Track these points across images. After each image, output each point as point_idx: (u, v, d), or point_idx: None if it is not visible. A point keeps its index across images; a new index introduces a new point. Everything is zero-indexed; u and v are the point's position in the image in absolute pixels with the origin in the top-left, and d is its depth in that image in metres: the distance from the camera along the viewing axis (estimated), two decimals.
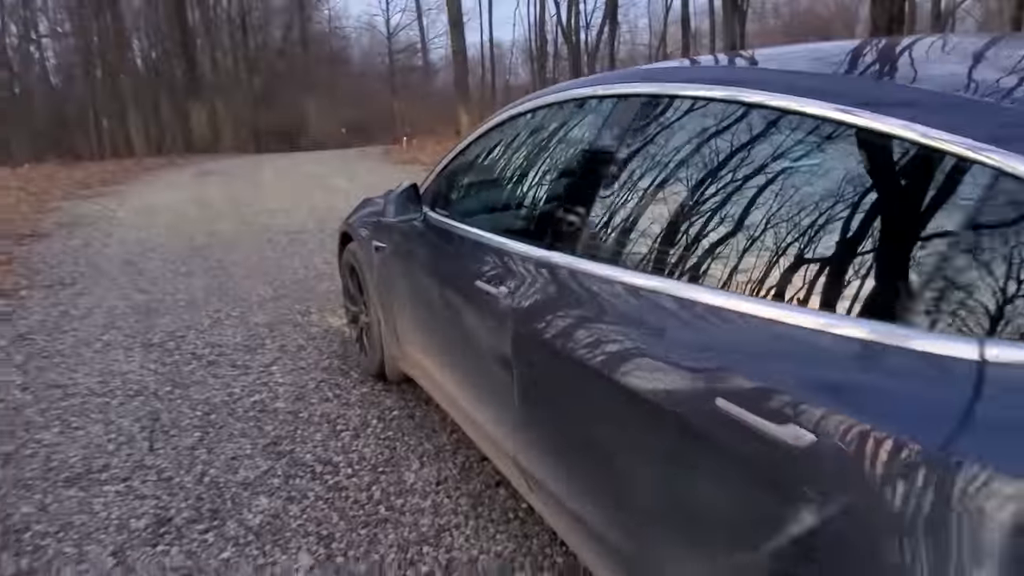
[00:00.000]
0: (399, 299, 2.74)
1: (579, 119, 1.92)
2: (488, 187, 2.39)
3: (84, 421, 3.06)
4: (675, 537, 1.28)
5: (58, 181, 11.49)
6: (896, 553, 0.84)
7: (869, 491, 0.88)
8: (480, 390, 2.11)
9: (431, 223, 2.49)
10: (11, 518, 2.38)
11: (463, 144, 2.58)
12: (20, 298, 4.91)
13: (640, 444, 1.34)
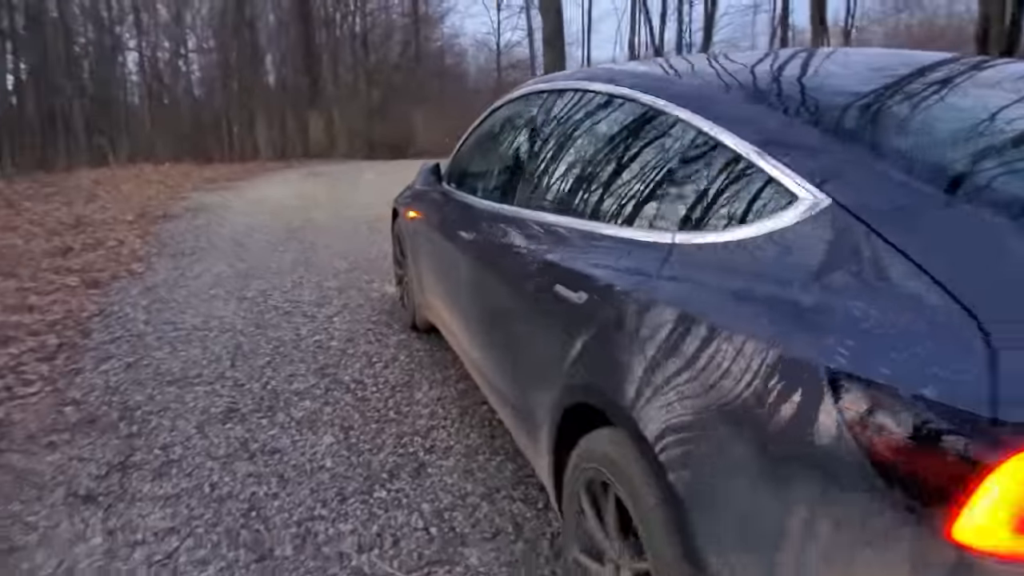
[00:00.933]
0: (423, 256, 3.44)
1: (529, 110, 2.57)
2: (475, 163, 3.07)
3: (186, 346, 3.93)
4: (531, 378, 1.90)
5: (191, 177, 13.10)
6: (617, 346, 1.44)
7: (610, 320, 1.49)
8: (463, 319, 2.77)
9: (446, 194, 3.18)
10: (128, 402, 3.23)
11: (466, 135, 3.27)
12: (150, 263, 5.98)
13: (521, 322, 1.98)
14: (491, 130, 3.03)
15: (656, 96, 1.71)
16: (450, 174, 3.30)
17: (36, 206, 8.75)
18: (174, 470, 2.64)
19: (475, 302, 2.55)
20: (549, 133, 2.27)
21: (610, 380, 1.46)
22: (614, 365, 1.45)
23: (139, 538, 2.24)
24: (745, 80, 1.68)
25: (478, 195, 2.81)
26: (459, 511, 2.32)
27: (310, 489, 2.49)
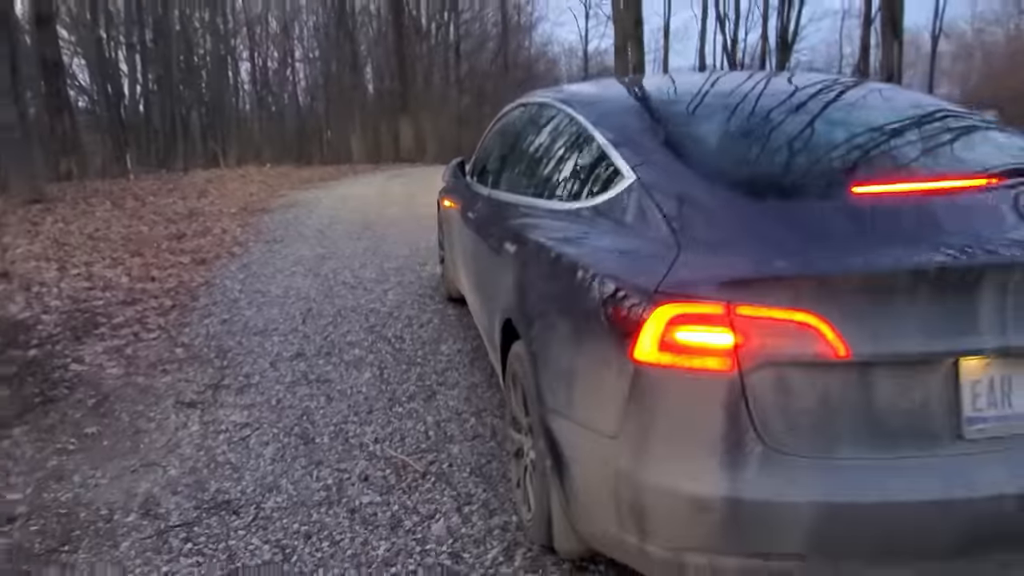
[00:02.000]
0: (450, 236, 4.23)
1: (512, 118, 3.33)
2: (480, 160, 3.85)
3: (269, 308, 4.86)
4: (491, 310, 2.65)
5: (289, 177, 14.46)
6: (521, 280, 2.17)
7: (519, 263, 2.23)
8: (468, 277, 3.54)
9: (463, 183, 3.97)
10: (222, 346, 4.16)
11: (482, 137, 4.09)
12: (247, 247, 7.05)
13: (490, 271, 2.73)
14: (493, 134, 3.84)
15: (571, 108, 2.42)
16: (472, 168, 4.10)
17: (158, 200, 10.12)
18: (252, 390, 3.51)
19: (471, 262, 3.33)
20: (517, 135, 3.05)
21: (516, 305, 2.19)
22: (518, 294, 2.17)
23: (223, 428, 3.10)
24: (637, 97, 2.38)
25: (477, 183, 3.63)
26: (454, 423, 3.07)
27: (347, 405, 3.30)
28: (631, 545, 1.62)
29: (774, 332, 1.42)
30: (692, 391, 1.47)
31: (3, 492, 2.62)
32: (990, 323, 1.42)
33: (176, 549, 2.25)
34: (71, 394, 3.52)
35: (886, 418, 1.43)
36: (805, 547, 1.45)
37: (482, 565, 2.12)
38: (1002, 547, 1.46)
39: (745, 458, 1.44)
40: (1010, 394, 1.46)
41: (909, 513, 1.41)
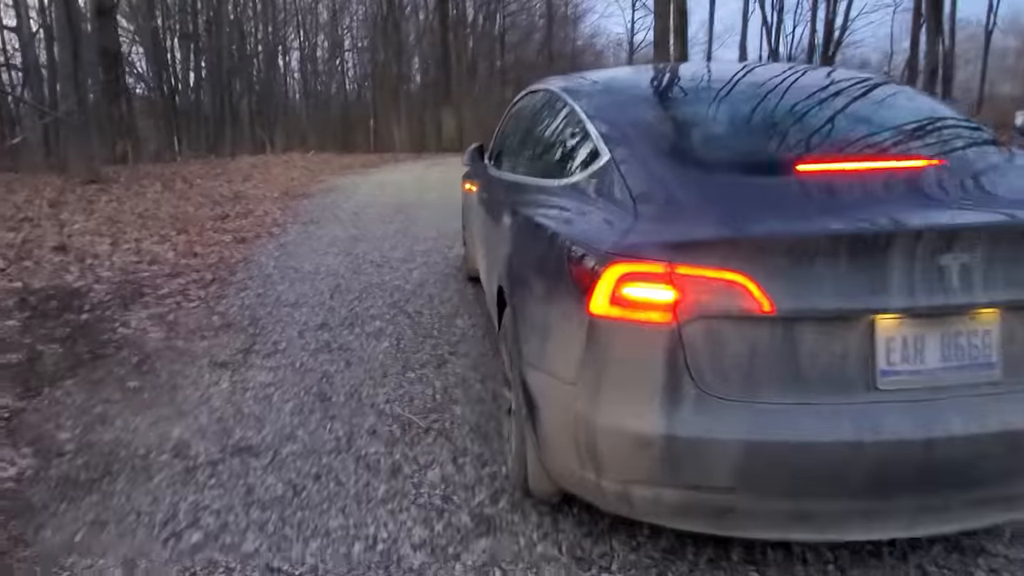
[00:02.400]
0: (469, 217, 4.46)
1: (521, 105, 3.54)
2: (494, 144, 4.08)
3: (301, 284, 5.17)
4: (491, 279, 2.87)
5: (331, 164, 14.90)
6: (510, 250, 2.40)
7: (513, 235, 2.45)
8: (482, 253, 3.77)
9: (480, 166, 4.21)
10: (255, 315, 4.47)
11: (499, 124, 4.31)
12: (285, 227, 7.40)
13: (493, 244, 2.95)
14: (505, 120, 4.07)
15: (567, 95, 2.62)
16: (488, 152, 4.34)
17: (205, 183, 10.59)
18: (278, 354, 3.80)
19: (482, 239, 3.58)
20: (522, 120, 3.27)
21: (505, 272, 2.41)
22: (508, 263, 2.40)
23: (250, 386, 3.39)
24: (626, 87, 2.57)
25: (492, 166, 3.87)
26: (459, 388, 3.31)
27: (364, 370, 3.56)
28: (589, 481, 1.84)
29: (707, 289, 1.62)
30: (637, 341, 1.68)
31: (56, 432, 2.95)
32: (901, 286, 1.59)
33: (201, 483, 2.54)
34: (117, 353, 3.86)
35: (807, 368, 1.62)
36: (734, 480, 1.65)
37: (468, 507, 2.35)
38: (908, 489, 1.63)
39: (681, 400, 1.64)
40: (923, 351, 1.63)
41: (823, 453, 1.60)
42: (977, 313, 1.65)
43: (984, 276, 1.62)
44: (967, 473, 1.64)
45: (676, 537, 2.13)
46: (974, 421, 1.61)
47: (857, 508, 1.68)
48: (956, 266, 1.60)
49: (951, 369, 1.65)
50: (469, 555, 2.11)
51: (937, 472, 1.63)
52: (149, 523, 2.31)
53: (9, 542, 2.22)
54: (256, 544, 2.18)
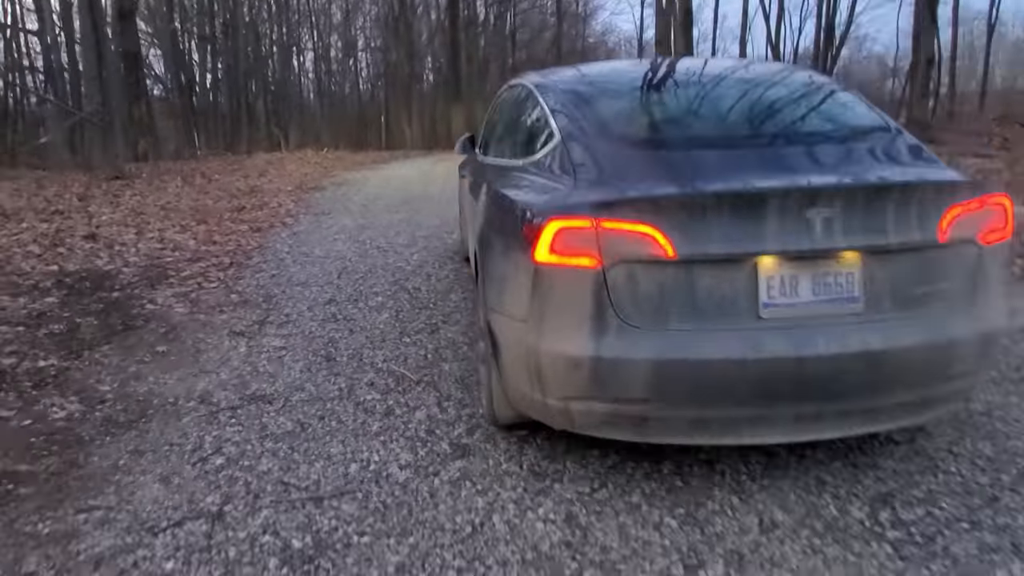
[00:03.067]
0: (462, 201, 4.89)
1: (502, 97, 3.95)
2: (482, 134, 4.50)
3: (311, 266, 5.61)
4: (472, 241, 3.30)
5: (343, 160, 15.39)
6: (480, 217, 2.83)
7: (485, 205, 2.87)
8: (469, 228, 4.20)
9: (471, 154, 4.63)
10: (269, 293, 4.91)
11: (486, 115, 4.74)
12: (298, 218, 7.86)
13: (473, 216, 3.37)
14: (490, 111, 4.51)
15: (533, 87, 3.04)
16: (478, 141, 4.80)
17: (223, 178, 11.09)
18: (289, 324, 4.24)
19: (469, 218, 4.02)
20: (501, 111, 3.72)
21: (477, 238, 2.84)
22: (479, 230, 2.82)
23: (264, 350, 3.83)
24: (583, 80, 2.99)
25: (479, 153, 4.34)
26: (449, 349, 3.73)
27: (365, 336, 3.99)
28: (538, 400, 2.27)
29: (625, 239, 2.03)
30: (571, 282, 2.10)
31: (97, 385, 3.40)
32: (776, 234, 2.01)
33: (223, 422, 2.97)
34: (146, 325, 4.32)
35: (703, 301, 2.04)
36: (648, 392, 2.07)
37: (448, 438, 2.77)
38: (786, 399, 2.05)
39: (606, 329, 2.06)
40: (797, 287, 2.05)
41: (716, 368, 2.02)
42: (842, 256, 2.07)
43: (844, 226, 2.04)
44: (833, 387, 2.06)
45: (619, 457, 2.54)
46: (838, 343, 2.03)
47: (745, 415, 2.10)
48: (819, 218, 2.02)
49: (821, 302, 2.08)
50: (446, 472, 2.53)
51: (808, 385, 2.05)
52: (180, 451, 2.75)
53: (65, 464, 2.67)
54: (269, 465, 2.61)
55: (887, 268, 2.10)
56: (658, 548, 2.07)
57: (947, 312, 2.15)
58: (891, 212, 2.07)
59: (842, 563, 1.97)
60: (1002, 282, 2.30)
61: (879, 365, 2.06)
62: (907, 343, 2.08)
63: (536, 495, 2.36)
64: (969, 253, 2.17)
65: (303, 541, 2.17)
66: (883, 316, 2.09)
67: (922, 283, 2.13)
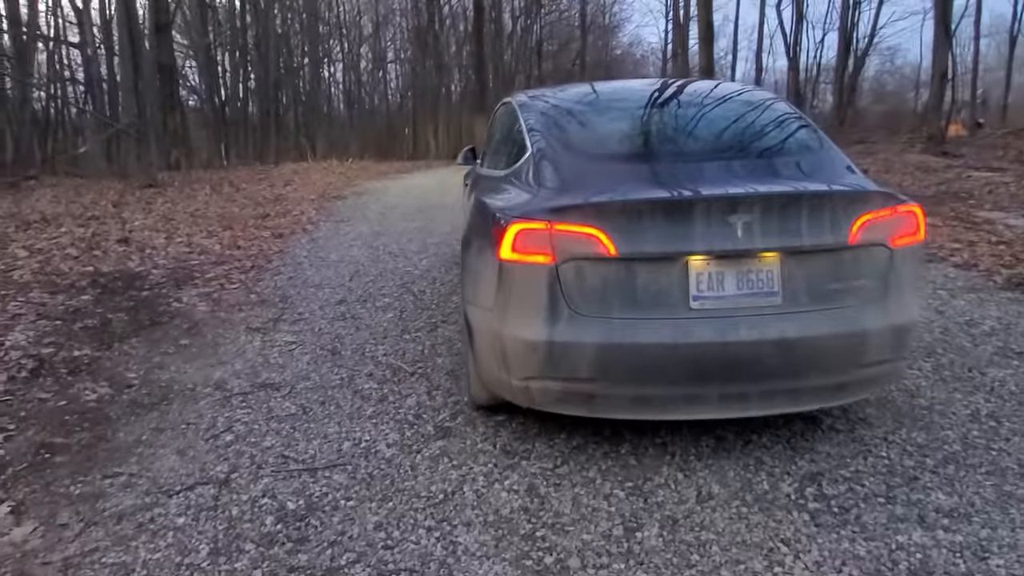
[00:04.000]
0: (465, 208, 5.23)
1: (495, 115, 4.29)
2: (481, 146, 4.81)
3: (326, 269, 5.97)
4: None
5: (367, 170, 15.88)
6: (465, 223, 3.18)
7: (469, 210, 3.19)
8: None
9: (471, 165, 4.98)
10: (285, 294, 5.27)
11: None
12: (318, 225, 8.26)
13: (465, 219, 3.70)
14: (488, 125, 4.86)
15: (516, 106, 3.36)
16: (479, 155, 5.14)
17: (250, 187, 11.57)
18: (301, 322, 4.59)
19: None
20: (493, 127, 4.06)
21: (461, 241, 3.17)
22: (463, 233, 3.16)
23: (277, 344, 4.18)
24: (557, 99, 3.33)
25: (478, 164, 4.70)
26: (444, 345, 4.04)
27: (370, 333, 4.32)
28: (504, 381, 2.59)
29: (574, 240, 2.35)
30: (528, 276, 2.42)
31: (125, 372, 3.77)
32: (702, 235, 2.32)
33: (235, 405, 3.31)
34: (171, 321, 4.69)
35: (642, 293, 2.36)
36: (594, 372, 2.39)
37: (433, 421, 3.08)
38: (715, 380, 2.37)
39: (558, 316, 2.38)
40: (723, 283, 2.36)
41: (653, 352, 2.34)
42: (762, 256, 2.39)
43: (763, 230, 2.36)
44: (755, 369, 2.38)
45: (583, 440, 2.82)
46: (758, 331, 2.34)
47: (680, 394, 2.44)
48: (740, 223, 2.34)
49: (744, 295, 2.39)
50: (427, 450, 2.83)
51: (733, 368, 2.38)
52: (195, 430, 3.09)
53: (94, 438, 3.02)
54: (272, 442, 2.94)
55: (804, 266, 2.40)
56: (604, 514, 2.35)
57: (860, 306, 2.44)
58: (805, 218, 2.38)
59: (762, 527, 2.23)
60: (915, 280, 2.64)
61: (795, 351, 2.37)
62: (821, 332, 2.37)
63: (504, 470, 2.65)
64: (880, 255, 2.47)
65: (297, 504, 2.48)
66: (800, 308, 2.39)
67: (836, 280, 2.43)
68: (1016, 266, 5.57)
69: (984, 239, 6.51)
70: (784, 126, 2.97)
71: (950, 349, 3.73)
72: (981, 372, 3.41)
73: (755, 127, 2.99)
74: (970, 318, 4.24)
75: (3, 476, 2.71)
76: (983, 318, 4.25)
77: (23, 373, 3.67)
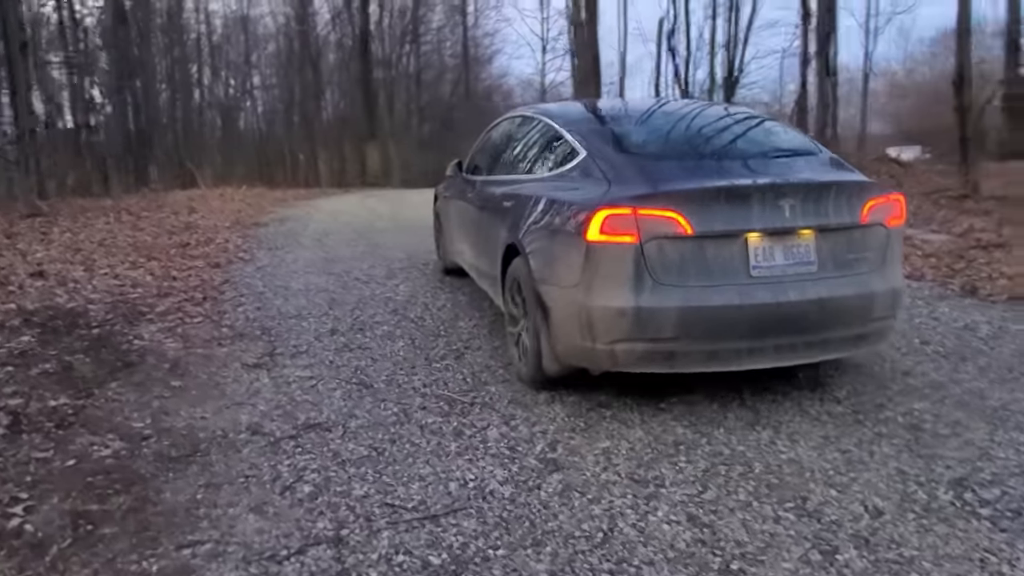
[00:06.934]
0: (451, 219, 5.41)
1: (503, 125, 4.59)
2: (477, 157, 5.08)
3: (296, 298, 5.48)
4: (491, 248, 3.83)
5: (266, 197, 14.96)
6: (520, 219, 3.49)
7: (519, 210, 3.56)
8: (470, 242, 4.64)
9: (463, 177, 5.12)
10: (264, 326, 4.76)
11: (476, 143, 5.21)
12: (253, 253, 7.62)
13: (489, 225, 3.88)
14: (487, 139, 5.05)
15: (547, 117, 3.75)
16: (467, 166, 5.33)
17: (151, 215, 10.56)
18: (304, 356, 4.14)
19: (473, 227, 4.53)
20: (507, 137, 4.40)
21: (516, 235, 3.42)
22: (516, 228, 3.41)
23: (291, 380, 3.73)
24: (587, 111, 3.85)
25: (476, 174, 4.89)
26: (486, 373, 3.75)
27: (391, 363, 3.95)
28: (587, 347, 2.99)
29: (656, 222, 2.83)
30: (616, 253, 2.86)
31: (127, 422, 3.20)
32: (758, 216, 2.89)
33: (290, 451, 2.89)
34: (144, 361, 4.09)
35: (712, 264, 2.88)
36: (676, 332, 2.87)
37: (531, 452, 2.81)
38: (771, 334, 2.93)
39: (642, 286, 2.85)
40: (773, 255, 2.94)
41: (724, 312, 2.86)
42: (802, 232, 2.96)
43: (803, 211, 2.93)
44: (799, 324, 2.94)
45: (710, 462, 2.67)
46: (801, 293, 2.91)
47: (745, 347, 2.95)
48: (787, 206, 2.91)
49: (790, 264, 2.95)
50: (547, 485, 2.58)
51: (784, 323, 2.92)
52: (259, 482, 2.65)
53: (137, 502, 2.52)
54: (365, 490, 2.57)
55: (830, 241, 3.00)
56: (787, 538, 2.20)
57: (869, 273, 3.08)
58: (832, 202, 2.99)
59: (955, 538, 2.17)
60: (900, 254, 3.38)
61: (828, 309, 2.95)
62: (846, 293, 2.99)
63: (647, 500, 2.45)
64: (880, 232, 3.13)
65: (441, 558, 2.16)
66: (829, 274, 2.98)
67: (852, 252, 3.04)
68: (955, 276, 6.02)
69: (913, 253, 7.01)
70: (789, 134, 3.65)
71: (979, 354, 3.90)
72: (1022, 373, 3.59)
73: (766, 134, 3.61)
74: (965, 324, 4.49)
75: (49, 557, 2.18)
76: (976, 323, 4.51)
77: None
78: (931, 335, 4.24)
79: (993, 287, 5.56)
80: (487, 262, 4.21)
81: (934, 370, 3.65)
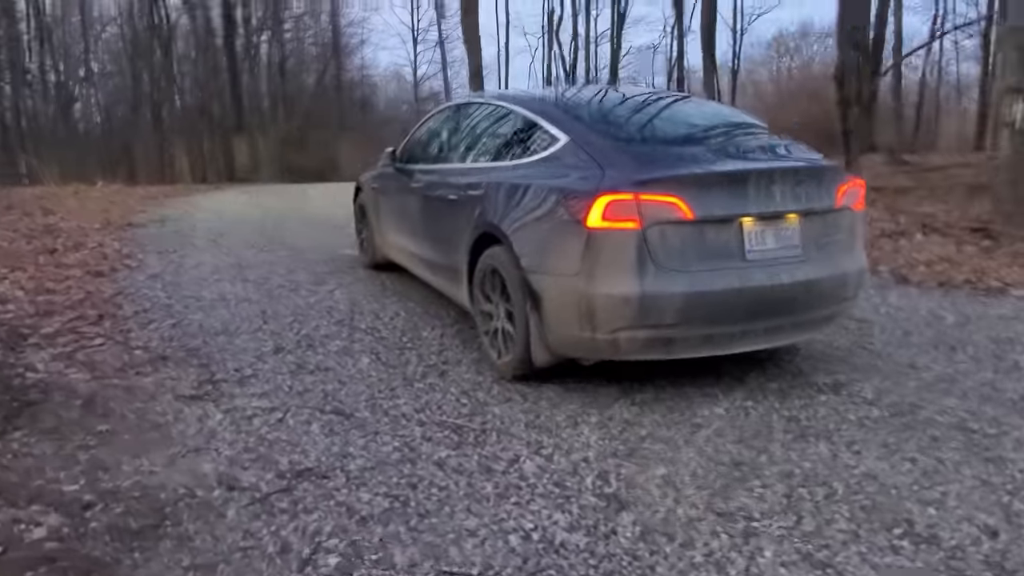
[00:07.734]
0: (381, 211, 5.13)
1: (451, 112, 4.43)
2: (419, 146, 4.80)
3: (216, 311, 4.73)
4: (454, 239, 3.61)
5: (131, 195, 13.38)
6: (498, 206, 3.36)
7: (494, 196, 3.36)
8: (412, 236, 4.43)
9: (396, 168, 4.83)
10: (188, 346, 4.03)
11: (412, 131, 5.02)
12: (139, 259, 6.62)
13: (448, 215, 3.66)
14: (430, 125, 4.79)
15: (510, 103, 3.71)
16: (401, 155, 5.00)
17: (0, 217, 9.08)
18: (254, 381, 3.50)
19: (421, 219, 4.27)
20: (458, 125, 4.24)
21: (492, 222, 3.27)
22: (492, 216, 3.24)
23: (251, 414, 3.11)
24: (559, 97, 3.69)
25: (420, 163, 4.57)
26: (480, 391, 3.31)
27: (365, 385, 3.41)
28: (586, 338, 2.92)
29: (657, 207, 2.81)
30: (618, 240, 2.82)
31: (55, 486, 2.49)
32: (752, 201, 2.93)
33: (287, 510, 2.32)
34: (48, 399, 3.30)
35: (711, 248, 2.90)
36: (676, 318, 2.86)
37: (586, 488, 2.42)
38: (764, 316, 2.99)
39: (646, 272, 2.81)
40: (765, 239, 2.99)
41: (726, 296, 2.88)
42: (788, 217, 3.03)
43: (790, 196, 3.00)
44: (789, 305, 3.04)
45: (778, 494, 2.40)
46: (791, 275, 2.99)
47: (739, 330, 2.98)
48: (777, 190, 2.97)
49: (780, 248, 3.01)
50: (623, 528, 2.20)
51: (776, 305, 3.00)
52: (263, 556, 2.09)
53: None
54: (406, 556, 2.08)
55: (811, 224, 3.08)
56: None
57: (841, 254, 3.20)
58: (813, 187, 3.09)
59: None
60: (864, 236, 3.58)
61: (812, 290, 3.06)
62: (825, 275, 3.09)
63: (748, 537, 2.14)
64: (849, 216, 3.26)
65: None
66: (811, 257, 3.06)
67: (828, 235, 3.15)
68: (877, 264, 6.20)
69: None
70: (757, 125, 3.64)
71: (961, 343, 3.91)
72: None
73: (735, 122, 3.61)
74: (926, 312, 4.55)
75: None
76: (935, 311, 4.58)
77: None
78: (907, 325, 4.25)
79: (918, 274, 5.77)
80: (443, 253, 4.00)
81: (933, 362, 3.61)
